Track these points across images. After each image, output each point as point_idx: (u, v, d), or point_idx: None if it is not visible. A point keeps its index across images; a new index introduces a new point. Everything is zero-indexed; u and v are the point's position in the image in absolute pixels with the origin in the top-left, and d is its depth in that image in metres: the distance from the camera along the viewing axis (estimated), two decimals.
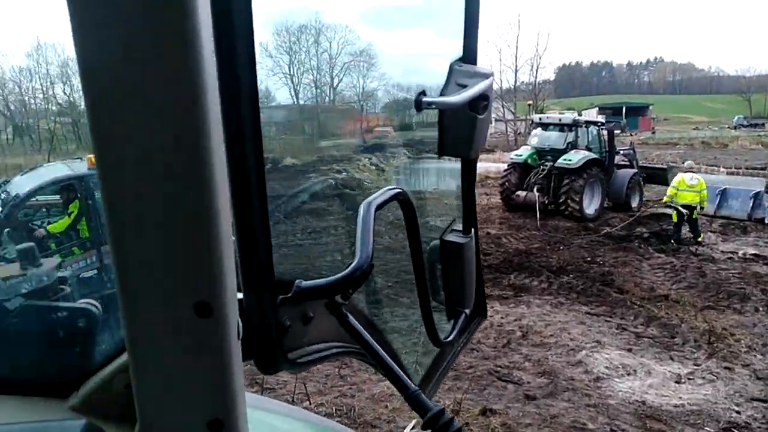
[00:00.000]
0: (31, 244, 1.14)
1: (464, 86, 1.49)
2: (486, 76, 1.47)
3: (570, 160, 17.28)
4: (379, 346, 1.14)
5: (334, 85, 36.46)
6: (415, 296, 1.54)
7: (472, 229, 1.77)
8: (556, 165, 17.56)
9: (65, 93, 33.67)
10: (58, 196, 8.57)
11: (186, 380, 0.84)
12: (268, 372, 0.99)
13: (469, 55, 1.51)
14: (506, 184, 19.00)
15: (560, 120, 19.87)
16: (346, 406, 6.42)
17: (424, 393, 1.87)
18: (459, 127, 1.56)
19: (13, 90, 32.37)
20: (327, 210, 16.45)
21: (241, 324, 0.87)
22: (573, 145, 18.20)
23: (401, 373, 1.14)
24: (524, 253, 13.67)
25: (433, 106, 1.44)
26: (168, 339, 0.82)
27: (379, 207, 1.26)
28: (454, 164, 1.70)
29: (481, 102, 1.46)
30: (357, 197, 18.21)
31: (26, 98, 32.60)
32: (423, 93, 1.38)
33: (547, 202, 17.78)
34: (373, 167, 22.81)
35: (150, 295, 0.79)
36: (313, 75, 35.78)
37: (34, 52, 41.18)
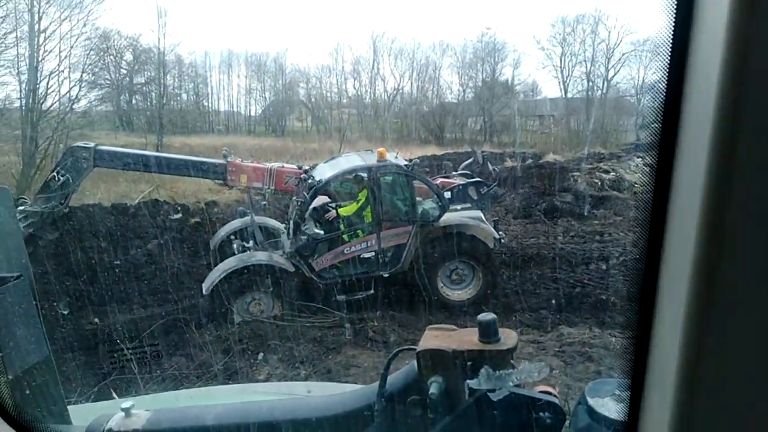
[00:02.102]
0: (492, 316, 1.08)
1: None
2: None
3: None
4: None
5: (609, 77, 33.89)
6: None
7: None
8: None
9: (354, 88, 38.07)
10: (350, 183, 9.66)
11: None
12: None
13: None
14: None
15: None
16: None
17: None
18: None
19: (315, 84, 37.90)
20: (592, 213, 15.33)
21: None
22: None
23: None
24: None
25: None
26: None
27: None
28: None
29: None
30: (626, 201, 16.53)
31: (324, 92, 37.76)
32: None
33: None
34: (648, 168, 20.52)
35: None
36: (585, 66, 33.90)
37: (334, 51, 47.78)
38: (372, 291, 8.95)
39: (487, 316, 1.06)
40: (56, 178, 9.69)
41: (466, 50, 37.32)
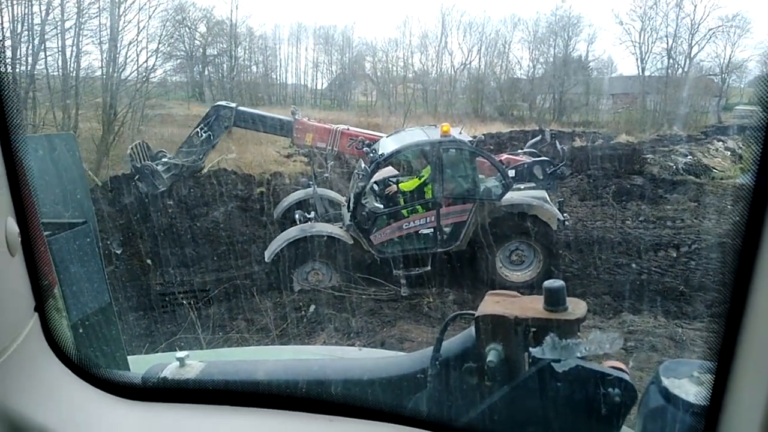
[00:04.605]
0: (560, 282, 1.00)
1: None
2: None
3: None
4: None
5: (692, 54, 31.76)
6: None
7: None
8: None
9: (421, 62, 37.60)
10: (413, 158, 9.59)
11: None
12: None
13: None
14: None
15: None
16: None
17: None
18: None
19: (381, 58, 37.70)
20: (664, 198, 14.56)
21: None
22: None
23: None
24: None
25: None
26: None
27: None
28: None
29: None
30: (703, 186, 15.61)
31: (390, 66, 37.51)
32: None
33: None
34: (728, 152, 19.25)
35: None
36: (666, 43, 31.89)
37: (402, 24, 47.28)
38: (429, 267, 8.90)
39: (554, 282, 0.98)
40: (199, 134, 10.32)
41: (538, 24, 35.94)
